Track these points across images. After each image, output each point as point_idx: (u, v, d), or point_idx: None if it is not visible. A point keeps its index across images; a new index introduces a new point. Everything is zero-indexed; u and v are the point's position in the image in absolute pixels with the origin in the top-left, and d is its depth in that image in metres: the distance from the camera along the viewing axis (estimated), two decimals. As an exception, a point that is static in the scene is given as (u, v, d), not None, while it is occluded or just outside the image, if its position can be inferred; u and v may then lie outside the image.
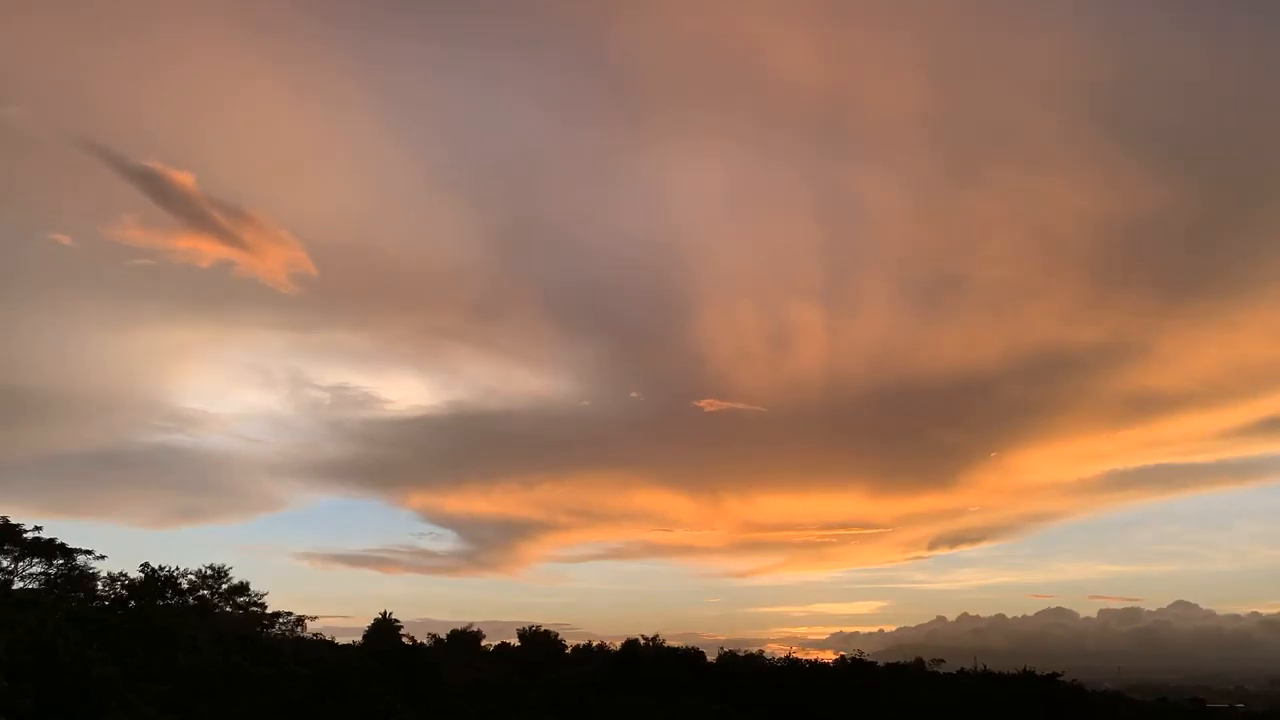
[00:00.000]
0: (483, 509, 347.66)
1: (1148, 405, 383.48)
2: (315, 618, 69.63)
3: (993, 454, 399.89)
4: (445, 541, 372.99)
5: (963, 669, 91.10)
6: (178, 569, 56.80)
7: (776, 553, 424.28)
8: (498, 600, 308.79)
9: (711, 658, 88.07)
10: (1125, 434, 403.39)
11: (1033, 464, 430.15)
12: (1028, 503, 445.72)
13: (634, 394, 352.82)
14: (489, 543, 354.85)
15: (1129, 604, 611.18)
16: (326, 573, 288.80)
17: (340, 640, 77.57)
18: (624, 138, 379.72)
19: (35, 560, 53.21)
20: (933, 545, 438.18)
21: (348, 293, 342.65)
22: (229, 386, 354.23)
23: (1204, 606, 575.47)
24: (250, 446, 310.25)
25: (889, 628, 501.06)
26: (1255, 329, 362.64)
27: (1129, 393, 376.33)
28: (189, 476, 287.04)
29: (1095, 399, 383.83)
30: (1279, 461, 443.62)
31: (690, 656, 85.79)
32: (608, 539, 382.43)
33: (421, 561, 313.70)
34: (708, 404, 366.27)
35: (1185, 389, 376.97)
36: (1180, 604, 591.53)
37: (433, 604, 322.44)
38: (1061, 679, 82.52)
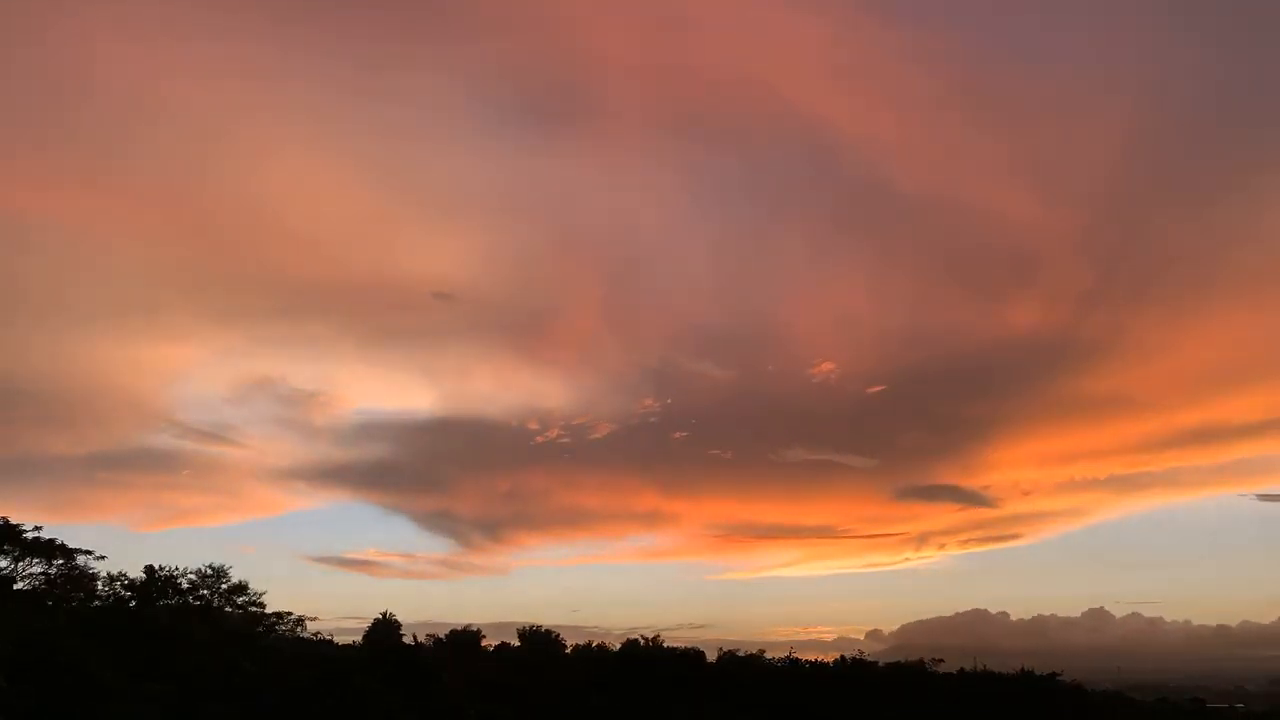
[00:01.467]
0: (482, 511, 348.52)
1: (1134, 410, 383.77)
2: (315, 618, 69.47)
3: (994, 454, 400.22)
4: (443, 544, 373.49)
5: (963, 669, 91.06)
6: (178, 569, 56.73)
7: (776, 553, 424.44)
8: (497, 601, 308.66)
9: (712, 658, 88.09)
10: (1116, 439, 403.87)
11: (1036, 466, 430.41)
12: (1031, 504, 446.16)
13: (625, 398, 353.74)
14: (488, 545, 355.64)
15: (1128, 609, 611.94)
16: (322, 574, 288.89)
17: (340, 641, 77.57)
18: (592, 150, 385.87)
19: (35, 560, 53.10)
20: (934, 545, 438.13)
21: (345, 299, 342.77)
22: (224, 390, 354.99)
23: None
24: (244, 449, 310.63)
25: (889, 627, 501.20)
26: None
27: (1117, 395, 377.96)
28: (184, 480, 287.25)
29: (1092, 401, 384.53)
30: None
31: (690, 657, 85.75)
32: (607, 540, 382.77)
33: (418, 563, 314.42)
34: (704, 402, 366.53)
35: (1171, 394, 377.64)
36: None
37: (431, 606, 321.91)
38: (1061, 678, 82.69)
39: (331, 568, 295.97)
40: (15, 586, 51.57)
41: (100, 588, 54.55)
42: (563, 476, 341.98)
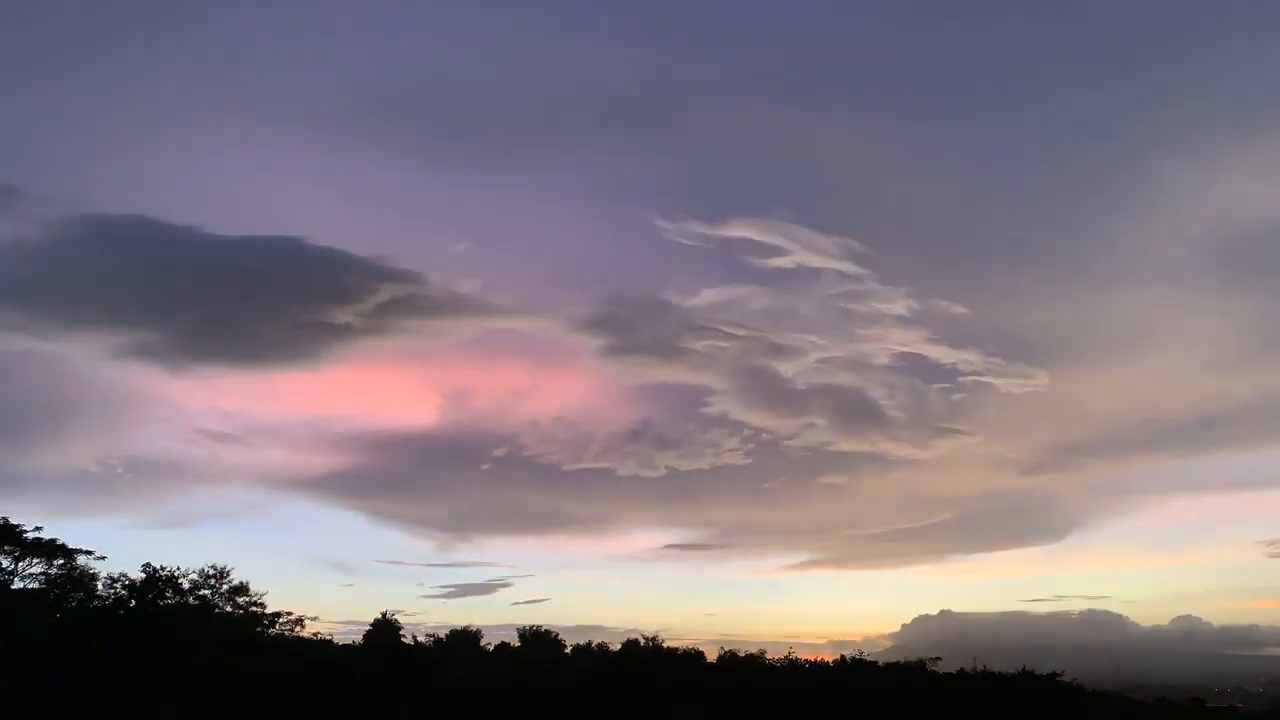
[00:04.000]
0: (484, 512, 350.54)
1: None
2: (315, 618, 69.27)
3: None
4: (442, 549, 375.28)
5: (963, 669, 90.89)
6: (178, 569, 56.57)
7: (776, 554, 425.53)
8: (497, 603, 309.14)
9: (711, 658, 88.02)
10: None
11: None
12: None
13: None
14: (491, 548, 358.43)
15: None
16: (319, 578, 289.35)
17: (340, 641, 77.38)
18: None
19: (35, 560, 53.03)
20: (934, 545, 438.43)
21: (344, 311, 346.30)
22: (219, 397, 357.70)
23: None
24: (239, 455, 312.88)
25: (889, 627, 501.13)
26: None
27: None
28: (178, 484, 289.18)
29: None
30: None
31: (690, 657, 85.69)
32: (606, 541, 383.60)
33: (415, 567, 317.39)
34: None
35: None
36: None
37: (429, 608, 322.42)
38: (1061, 678, 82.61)
39: (327, 571, 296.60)
40: (15, 586, 51.53)
41: (100, 588, 54.43)
42: (566, 482, 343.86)
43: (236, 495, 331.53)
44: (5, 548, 51.42)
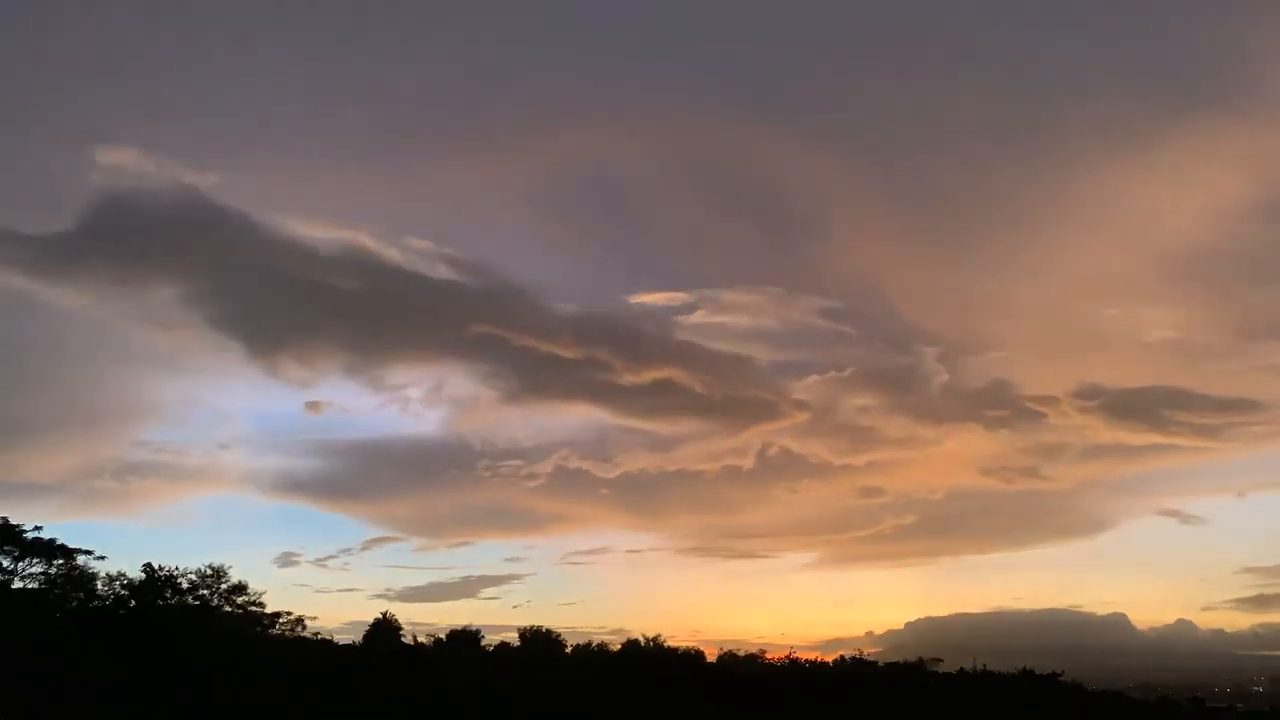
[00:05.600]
0: (479, 514, 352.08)
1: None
2: (315, 617, 69.08)
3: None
4: (435, 550, 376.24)
5: (962, 669, 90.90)
6: (178, 568, 56.45)
7: (776, 555, 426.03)
8: (495, 603, 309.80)
9: (711, 657, 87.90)
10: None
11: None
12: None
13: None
14: (493, 548, 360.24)
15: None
16: (313, 578, 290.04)
17: (340, 640, 77.21)
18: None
19: (35, 560, 52.96)
20: (931, 547, 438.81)
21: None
22: (209, 400, 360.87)
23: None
24: (233, 456, 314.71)
25: (887, 627, 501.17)
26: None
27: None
28: (172, 484, 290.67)
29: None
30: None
31: (690, 657, 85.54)
32: (608, 541, 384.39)
33: (403, 571, 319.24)
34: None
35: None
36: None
37: (429, 609, 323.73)
38: (1061, 678, 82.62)
39: (319, 571, 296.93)
40: (15, 586, 51.48)
41: (100, 588, 54.35)
42: (561, 485, 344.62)
43: (235, 497, 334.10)
44: (5, 548, 51.36)
